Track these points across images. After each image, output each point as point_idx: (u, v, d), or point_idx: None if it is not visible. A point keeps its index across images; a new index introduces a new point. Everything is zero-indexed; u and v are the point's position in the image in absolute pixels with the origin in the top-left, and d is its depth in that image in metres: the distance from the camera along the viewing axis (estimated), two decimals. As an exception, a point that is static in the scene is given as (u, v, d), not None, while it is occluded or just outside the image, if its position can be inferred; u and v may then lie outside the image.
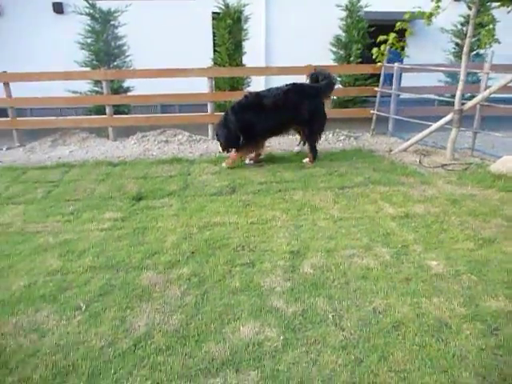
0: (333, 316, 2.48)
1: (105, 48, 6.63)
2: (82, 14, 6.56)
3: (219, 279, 2.89)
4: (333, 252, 3.18)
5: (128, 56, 6.93)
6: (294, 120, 5.21)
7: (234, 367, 2.12)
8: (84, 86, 6.92)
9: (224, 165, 5.22)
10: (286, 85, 5.20)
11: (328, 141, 6.51)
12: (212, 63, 7.49)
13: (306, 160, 5.34)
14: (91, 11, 6.54)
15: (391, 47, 5.41)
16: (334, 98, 7.08)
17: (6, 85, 5.94)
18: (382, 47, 5.52)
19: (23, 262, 3.15)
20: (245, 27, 7.40)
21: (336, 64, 7.87)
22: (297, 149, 5.85)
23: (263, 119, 4.99)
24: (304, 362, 2.15)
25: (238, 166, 5.29)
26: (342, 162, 5.33)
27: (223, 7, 7.05)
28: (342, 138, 6.42)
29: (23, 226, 3.71)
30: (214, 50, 7.94)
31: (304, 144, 5.57)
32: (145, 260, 3.15)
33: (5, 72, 5.93)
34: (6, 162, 5.66)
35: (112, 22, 6.62)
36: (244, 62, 7.56)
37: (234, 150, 5.22)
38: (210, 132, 6.49)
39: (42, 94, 6.05)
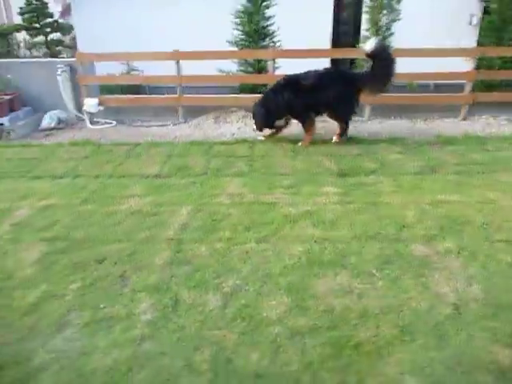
0: None
1: (256, 28, 6.81)
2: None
3: (488, 254, 2.99)
4: None
5: (276, 36, 7.07)
6: (324, 103, 5.31)
7: None
8: (231, 65, 7.14)
9: (300, 144, 5.41)
10: (325, 68, 5.41)
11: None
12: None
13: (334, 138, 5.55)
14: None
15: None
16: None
17: (178, 63, 6.27)
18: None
19: (285, 230, 3.38)
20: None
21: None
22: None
23: (302, 98, 5.22)
24: None
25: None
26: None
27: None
28: (503, 122, 6.28)
29: (257, 197, 3.96)
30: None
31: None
32: (399, 233, 3.30)
33: (177, 50, 6.24)
34: (183, 136, 6.02)
35: (265, 3, 6.77)
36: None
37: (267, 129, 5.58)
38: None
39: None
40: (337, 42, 9.39)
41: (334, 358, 2.19)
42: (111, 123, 6.57)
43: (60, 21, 20.44)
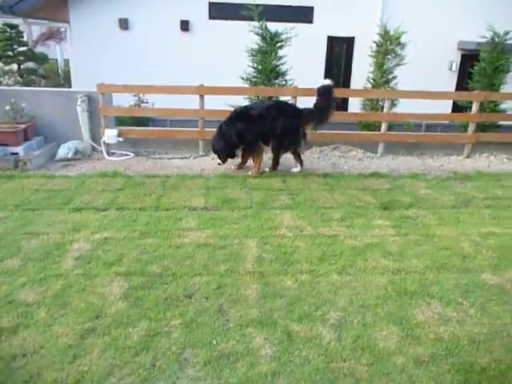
0: None
1: (270, 67, 7.07)
2: (257, 34, 7.03)
3: None
4: None
5: (287, 75, 7.36)
6: (270, 133, 5.66)
7: None
8: (241, 101, 7.31)
9: (250, 173, 5.79)
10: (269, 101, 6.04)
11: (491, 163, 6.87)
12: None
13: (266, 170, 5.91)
14: (261, 31, 7.01)
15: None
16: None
17: (201, 97, 6.35)
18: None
19: (359, 262, 3.48)
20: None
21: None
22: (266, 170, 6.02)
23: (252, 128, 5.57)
24: None
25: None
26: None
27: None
28: (504, 160, 6.81)
29: (316, 230, 4.04)
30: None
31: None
32: (464, 263, 3.50)
33: (202, 85, 6.34)
34: (210, 168, 6.04)
35: (279, 44, 7.08)
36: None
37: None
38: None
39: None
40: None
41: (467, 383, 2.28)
42: (129, 155, 6.47)
43: (34, 50, 20.13)
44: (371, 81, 7.81)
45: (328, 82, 5.65)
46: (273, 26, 7.23)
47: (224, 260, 3.45)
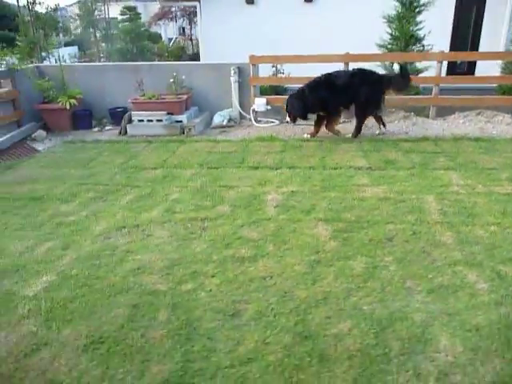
0: None
1: (408, 33, 7.08)
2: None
3: None
4: None
5: (425, 41, 7.31)
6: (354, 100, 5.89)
7: None
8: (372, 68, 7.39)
9: (306, 136, 6.15)
10: (353, 69, 6.07)
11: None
12: None
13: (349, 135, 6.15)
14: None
15: None
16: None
17: (346, 65, 6.65)
18: None
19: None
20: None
21: None
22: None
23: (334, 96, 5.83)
24: None
25: None
26: None
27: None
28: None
29: (489, 188, 4.19)
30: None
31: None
32: None
33: (347, 53, 6.62)
34: (343, 133, 6.35)
35: (418, 9, 7.04)
36: None
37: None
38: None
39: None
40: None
41: None
42: (274, 122, 6.99)
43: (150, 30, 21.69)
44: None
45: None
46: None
47: (409, 211, 3.77)
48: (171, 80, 6.77)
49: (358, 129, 6.13)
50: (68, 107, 6.84)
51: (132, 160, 5.51)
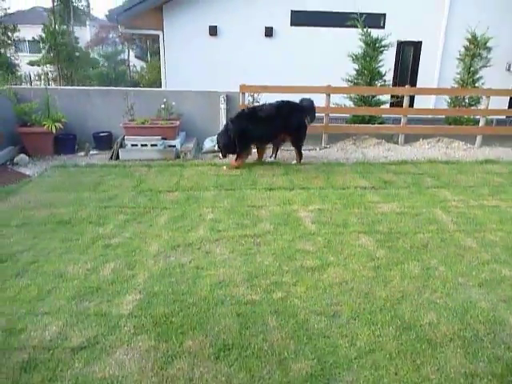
0: None
1: (370, 69, 8.02)
2: (362, 40, 8.01)
3: None
4: None
5: (385, 76, 8.31)
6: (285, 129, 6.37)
7: None
8: (339, 99, 8.23)
9: (225, 168, 6.26)
10: (277, 101, 6.49)
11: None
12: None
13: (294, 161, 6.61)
14: (366, 38, 7.98)
15: None
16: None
17: (328, 96, 7.30)
18: None
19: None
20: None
21: None
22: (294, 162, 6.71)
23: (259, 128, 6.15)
24: None
25: None
26: None
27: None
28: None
29: (477, 203, 4.97)
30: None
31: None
32: None
33: (329, 85, 7.29)
34: (331, 158, 6.98)
35: (381, 49, 8.02)
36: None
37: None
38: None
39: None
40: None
41: None
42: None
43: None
44: (459, 81, 8.73)
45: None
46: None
47: (428, 223, 4.37)
48: (162, 106, 6.91)
49: (301, 154, 6.59)
50: (54, 131, 6.60)
51: (142, 183, 5.53)
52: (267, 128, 6.18)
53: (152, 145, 6.62)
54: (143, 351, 2.55)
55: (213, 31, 10.76)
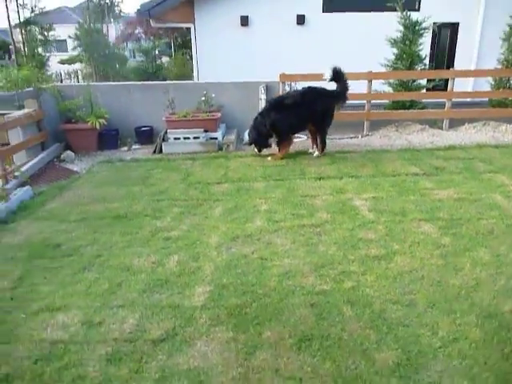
0: None
1: (410, 53, 7.81)
2: (401, 24, 7.84)
3: None
4: None
5: (424, 60, 8.10)
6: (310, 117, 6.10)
7: None
8: (378, 85, 8.03)
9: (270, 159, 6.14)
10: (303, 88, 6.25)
11: None
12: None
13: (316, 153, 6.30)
14: (405, 21, 7.77)
15: None
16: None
17: (370, 82, 7.15)
18: None
19: None
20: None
21: None
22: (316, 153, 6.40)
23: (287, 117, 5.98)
24: None
25: None
26: None
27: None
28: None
29: None
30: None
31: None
32: None
33: (371, 71, 7.14)
34: (375, 145, 6.85)
35: (421, 32, 7.80)
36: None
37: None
38: None
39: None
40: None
41: None
42: (301, 137, 7.33)
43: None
44: (503, 62, 8.38)
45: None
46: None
47: (489, 209, 4.23)
48: (202, 98, 6.91)
49: (325, 143, 6.31)
50: (98, 127, 6.71)
51: (190, 176, 5.56)
52: (295, 116, 6.05)
53: (194, 137, 6.64)
54: (223, 342, 2.56)
55: (244, 21, 10.67)
